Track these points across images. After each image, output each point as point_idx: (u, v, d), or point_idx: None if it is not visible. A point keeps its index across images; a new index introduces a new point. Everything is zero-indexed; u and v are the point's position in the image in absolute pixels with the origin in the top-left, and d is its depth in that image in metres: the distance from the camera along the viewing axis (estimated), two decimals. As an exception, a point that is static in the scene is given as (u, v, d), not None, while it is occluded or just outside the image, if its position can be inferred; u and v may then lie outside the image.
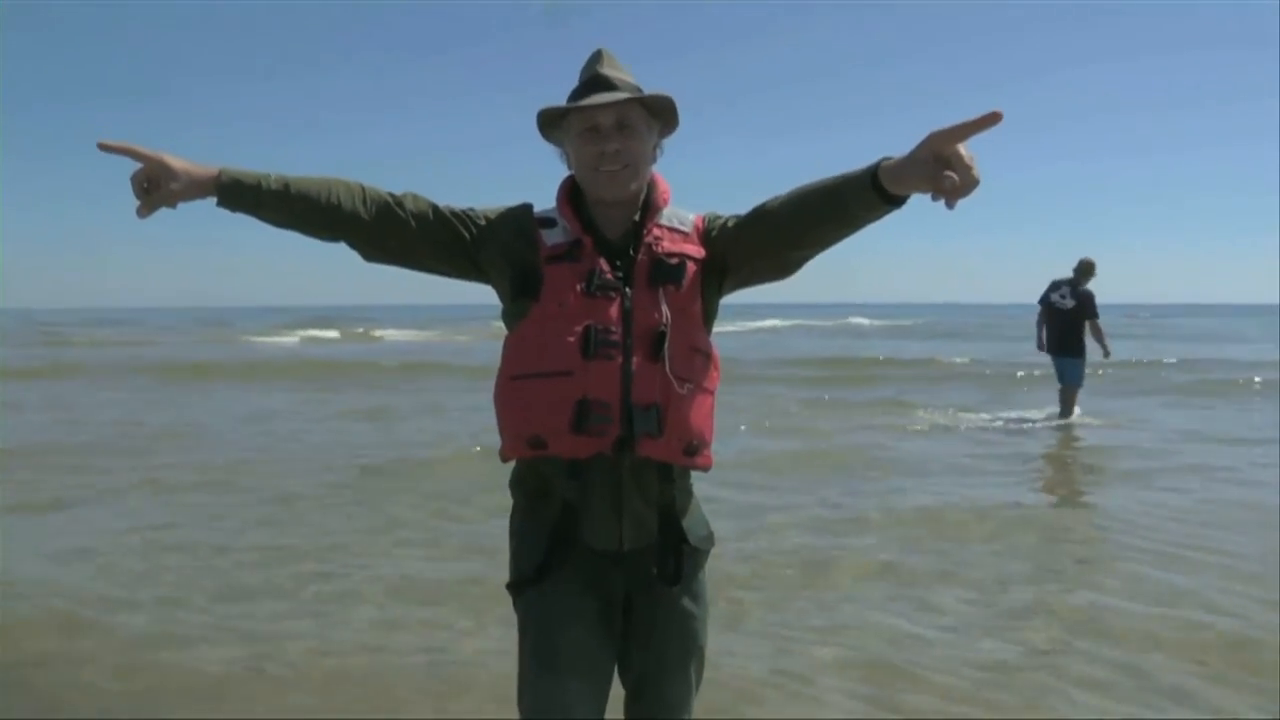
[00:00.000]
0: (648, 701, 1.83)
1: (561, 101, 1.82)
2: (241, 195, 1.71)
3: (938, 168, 1.43)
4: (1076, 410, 9.94)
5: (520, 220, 1.83)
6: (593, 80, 1.78)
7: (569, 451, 1.72)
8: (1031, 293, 10.44)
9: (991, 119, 1.41)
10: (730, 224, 1.84)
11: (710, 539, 1.90)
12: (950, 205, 1.44)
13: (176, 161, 1.66)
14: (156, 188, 1.66)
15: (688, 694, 1.86)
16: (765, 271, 1.83)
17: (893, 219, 1.62)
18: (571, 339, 1.71)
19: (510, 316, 1.82)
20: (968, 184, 1.42)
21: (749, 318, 47.86)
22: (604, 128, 1.77)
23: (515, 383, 1.76)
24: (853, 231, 1.68)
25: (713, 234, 1.85)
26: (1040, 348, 9.97)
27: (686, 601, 1.83)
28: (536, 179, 1.99)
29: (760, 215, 1.78)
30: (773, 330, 37.61)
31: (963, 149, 1.43)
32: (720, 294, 1.88)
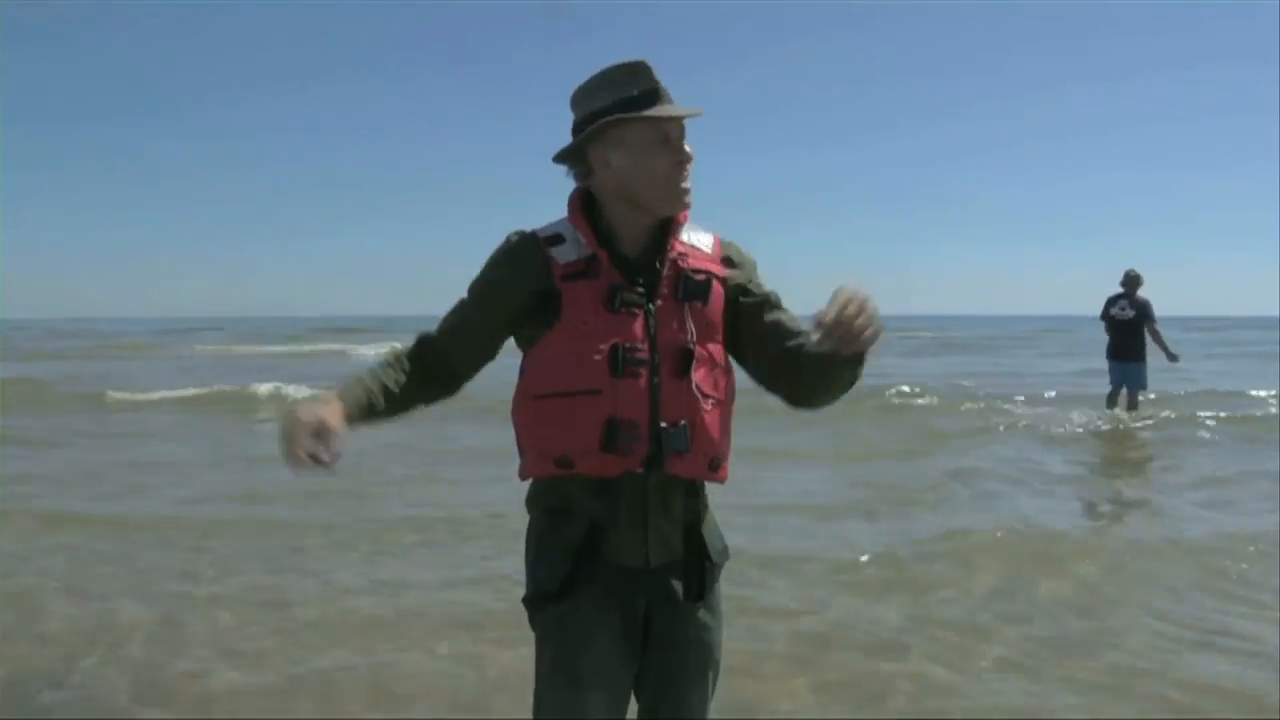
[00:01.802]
0: (667, 709, 1.83)
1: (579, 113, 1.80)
2: (354, 427, 1.72)
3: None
4: (1149, 395, 11.36)
5: (525, 253, 1.79)
6: (660, 89, 1.76)
7: (597, 470, 1.71)
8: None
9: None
10: (753, 302, 1.84)
11: (726, 552, 1.90)
12: (844, 351, 1.58)
13: (333, 419, 1.61)
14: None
15: (704, 706, 1.86)
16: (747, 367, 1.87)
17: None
18: (598, 357, 1.70)
19: (526, 335, 1.80)
20: (850, 339, 1.56)
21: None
22: (675, 139, 1.76)
23: (540, 402, 1.74)
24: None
25: (731, 278, 1.84)
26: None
27: (703, 614, 1.83)
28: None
29: (772, 349, 1.82)
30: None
31: (842, 308, 1.54)
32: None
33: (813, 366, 1.73)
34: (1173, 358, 10.75)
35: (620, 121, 1.75)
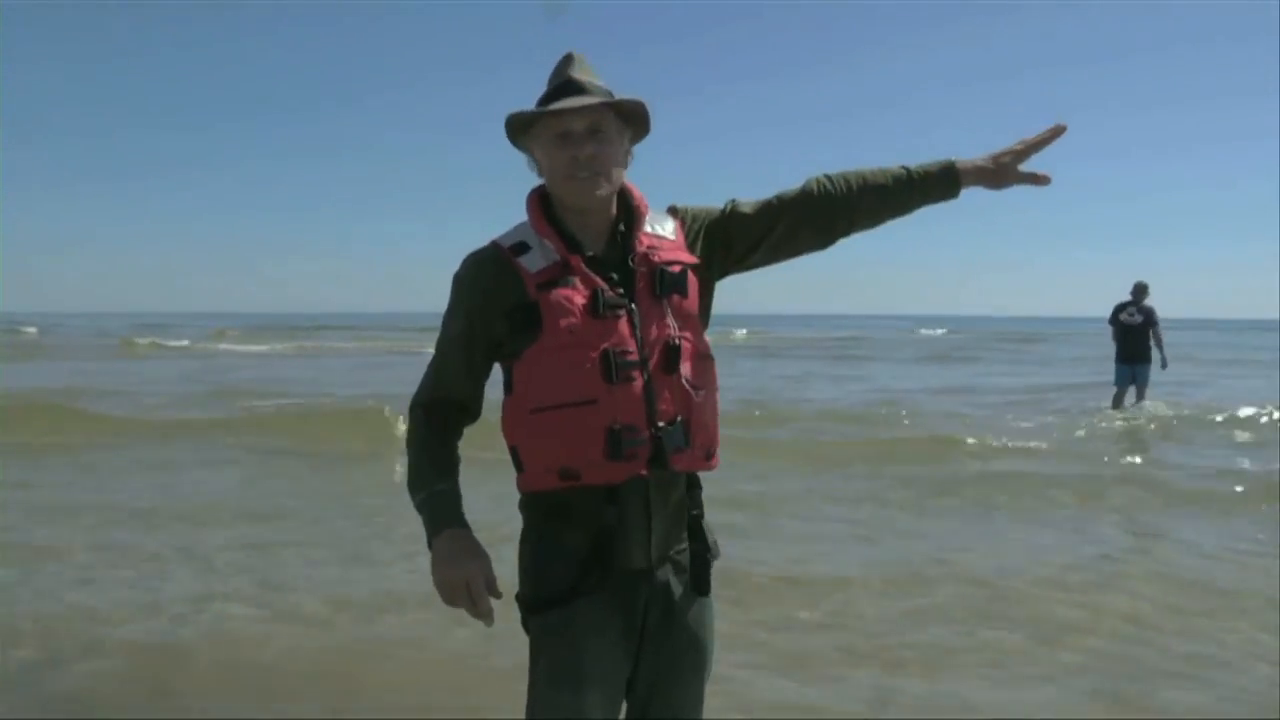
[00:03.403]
0: (659, 706, 1.83)
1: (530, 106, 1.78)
2: None
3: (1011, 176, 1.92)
4: (1146, 401, 12.18)
5: (492, 271, 1.77)
6: (564, 85, 1.75)
7: (603, 479, 1.70)
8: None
9: (1056, 131, 1.90)
10: (745, 209, 1.88)
11: (717, 547, 1.90)
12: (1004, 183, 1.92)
13: (488, 568, 1.72)
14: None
15: (699, 699, 1.87)
16: (804, 247, 1.93)
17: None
18: (591, 366, 1.68)
19: (508, 350, 1.76)
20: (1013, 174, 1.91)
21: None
22: (576, 134, 1.73)
23: (536, 416, 1.72)
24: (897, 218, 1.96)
25: (709, 228, 1.87)
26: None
27: (697, 612, 1.84)
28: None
29: (818, 197, 1.87)
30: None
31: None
32: (718, 279, 1.91)
33: (892, 194, 1.88)
34: (1163, 364, 12.06)
35: (532, 118, 1.76)
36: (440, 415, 1.84)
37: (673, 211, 1.89)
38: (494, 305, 1.75)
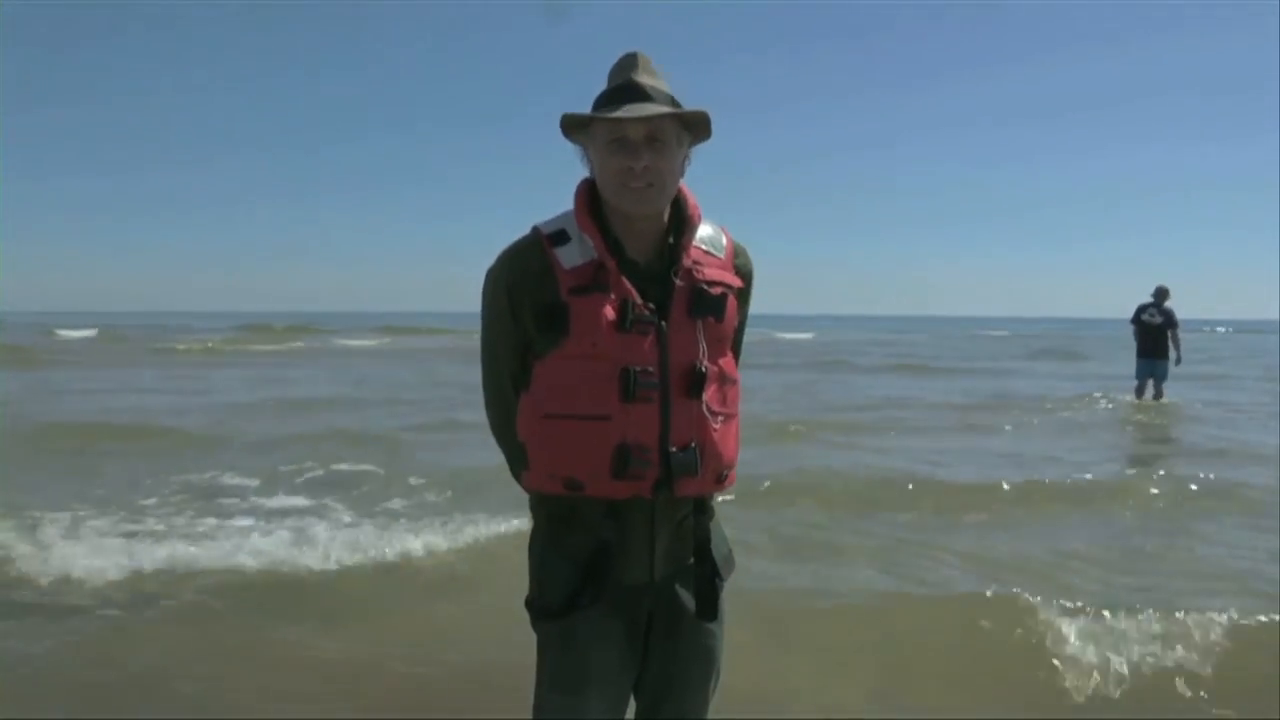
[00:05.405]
0: (669, 707, 1.83)
1: (589, 101, 1.73)
2: None
3: None
4: (1165, 395, 13.24)
5: (521, 268, 1.72)
6: (625, 87, 1.69)
7: (606, 493, 1.69)
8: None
9: None
10: (737, 323, 1.83)
11: (731, 559, 1.87)
12: None
13: None
14: None
15: (705, 708, 1.87)
16: None
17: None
18: (608, 382, 1.66)
19: (536, 349, 1.74)
20: None
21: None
22: (633, 141, 1.67)
23: (549, 421, 1.71)
24: None
25: (741, 283, 1.83)
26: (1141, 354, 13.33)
27: (707, 619, 1.82)
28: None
29: None
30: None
31: None
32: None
33: None
34: (1178, 361, 13.00)
35: (590, 119, 1.71)
36: (510, 395, 1.80)
37: (731, 243, 1.83)
38: (524, 302, 1.72)
